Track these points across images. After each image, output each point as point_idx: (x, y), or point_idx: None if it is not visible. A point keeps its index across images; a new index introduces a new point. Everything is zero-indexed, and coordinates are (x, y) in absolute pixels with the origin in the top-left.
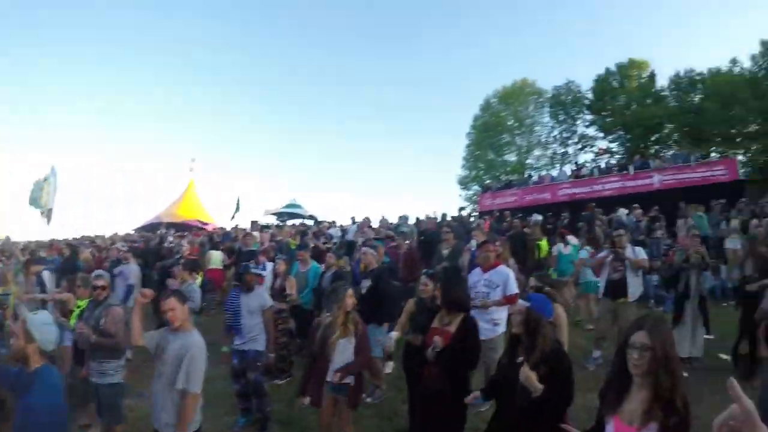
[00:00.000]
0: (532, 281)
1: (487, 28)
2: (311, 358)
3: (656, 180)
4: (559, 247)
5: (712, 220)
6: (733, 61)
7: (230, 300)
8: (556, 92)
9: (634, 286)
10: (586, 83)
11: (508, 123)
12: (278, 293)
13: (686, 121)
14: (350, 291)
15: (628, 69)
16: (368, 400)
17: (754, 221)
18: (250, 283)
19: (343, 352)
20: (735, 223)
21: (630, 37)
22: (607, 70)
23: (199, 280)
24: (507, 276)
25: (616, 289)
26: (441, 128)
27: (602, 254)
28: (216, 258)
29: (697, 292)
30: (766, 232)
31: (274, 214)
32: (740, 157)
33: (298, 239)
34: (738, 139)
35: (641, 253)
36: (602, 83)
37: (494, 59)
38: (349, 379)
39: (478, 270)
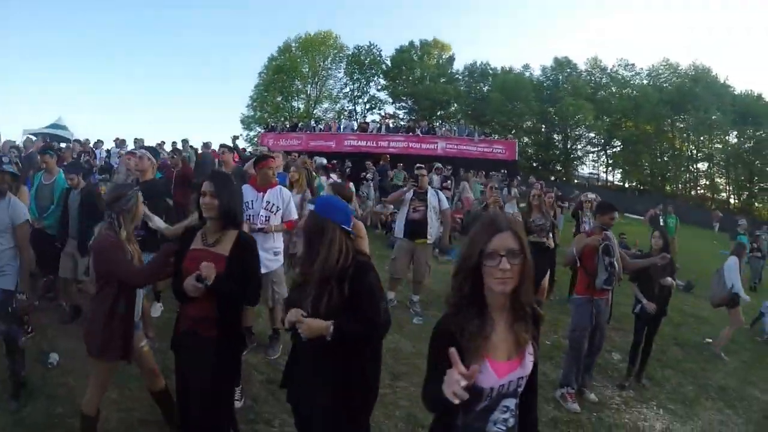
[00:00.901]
0: (328, 189)
1: None
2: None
3: (440, 147)
4: (321, 179)
5: None
6: (526, 67)
7: None
8: (357, 51)
9: (435, 228)
10: (388, 50)
11: (303, 70)
12: None
13: (472, 105)
14: (140, 195)
15: (431, 47)
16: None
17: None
18: (6, 184)
19: None
20: (515, 191)
21: (443, 18)
22: (411, 43)
23: None
24: (288, 198)
25: (415, 229)
26: (236, 67)
27: (402, 190)
28: None
29: None
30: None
31: (33, 134)
32: None
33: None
34: (513, 131)
35: (444, 200)
36: (403, 53)
37: (306, 5)
38: None
39: (249, 187)
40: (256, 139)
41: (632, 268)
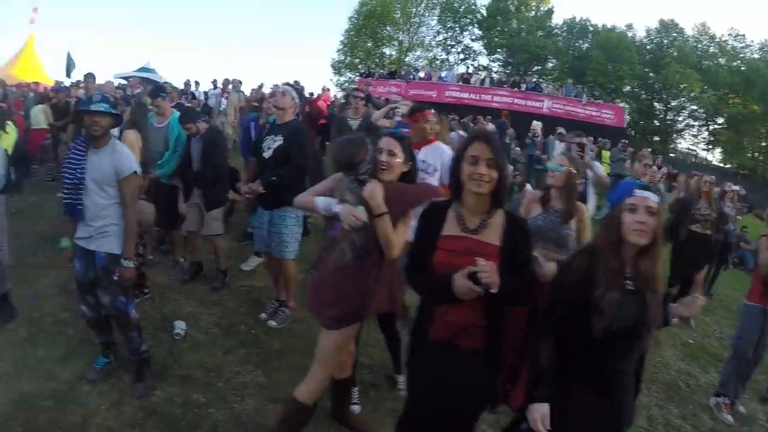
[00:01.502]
0: (563, 161)
1: None
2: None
3: (546, 106)
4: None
5: (613, 156)
6: (629, 26)
7: (70, 157)
8: None
9: (592, 203)
10: None
11: (395, 16)
12: None
13: (569, 63)
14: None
15: None
16: (272, 323)
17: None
18: (99, 127)
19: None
20: (637, 165)
21: None
22: None
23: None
24: (448, 157)
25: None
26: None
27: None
28: (37, 114)
29: None
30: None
31: (123, 77)
32: None
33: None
34: (613, 95)
35: (600, 170)
36: (499, 3)
37: None
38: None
39: None
40: (347, 84)
41: None
